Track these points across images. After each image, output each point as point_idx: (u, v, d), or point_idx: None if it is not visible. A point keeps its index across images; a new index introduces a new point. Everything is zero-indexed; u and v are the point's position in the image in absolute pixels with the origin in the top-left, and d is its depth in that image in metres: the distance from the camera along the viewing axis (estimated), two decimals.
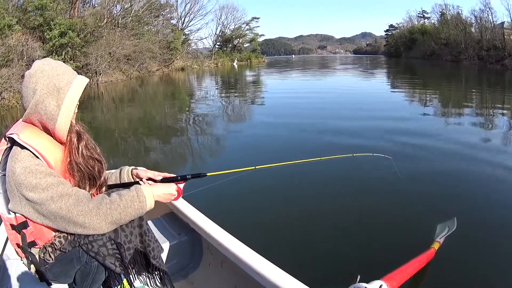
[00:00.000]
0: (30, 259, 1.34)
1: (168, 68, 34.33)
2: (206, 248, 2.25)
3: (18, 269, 1.62)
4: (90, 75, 20.32)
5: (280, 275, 1.54)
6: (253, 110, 11.92)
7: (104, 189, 1.50)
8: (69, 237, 1.32)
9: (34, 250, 1.33)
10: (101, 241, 1.32)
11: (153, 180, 1.64)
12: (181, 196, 1.60)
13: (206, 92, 18.18)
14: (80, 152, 1.37)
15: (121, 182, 1.66)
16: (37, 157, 1.25)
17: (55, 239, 1.32)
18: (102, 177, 1.48)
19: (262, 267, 1.61)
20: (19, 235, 1.30)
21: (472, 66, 34.08)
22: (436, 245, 2.74)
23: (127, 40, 25.80)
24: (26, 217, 1.26)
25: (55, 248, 1.32)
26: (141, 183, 1.62)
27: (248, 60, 51.49)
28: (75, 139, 1.37)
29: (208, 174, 1.69)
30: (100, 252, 1.31)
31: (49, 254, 1.32)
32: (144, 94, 18.28)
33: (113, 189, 1.52)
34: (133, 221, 1.40)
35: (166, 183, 1.57)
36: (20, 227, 1.29)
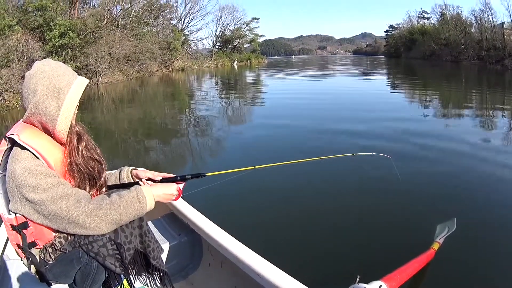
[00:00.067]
0: (31, 260, 1.34)
1: (168, 69, 34.33)
2: (206, 249, 2.25)
3: (19, 270, 1.62)
4: (90, 76, 20.34)
5: (280, 276, 1.55)
6: (253, 111, 11.91)
7: (104, 190, 1.51)
8: (69, 238, 1.33)
9: (34, 251, 1.33)
10: (101, 242, 1.32)
11: (153, 180, 1.63)
12: (181, 197, 1.59)
13: (206, 93, 18.18)
14: (80, 153, 1.38)
15: (121, 183, 1.66)
16: (37, 158, 1.25)
17: (55, 240, 1.32)
18: (102, 178, 1.48)
19: (262, 268, 1.61)
20: (20, 236, 1.31)
21: (472, 67, 34.07)
22: (436, 246, 2.74)
23: (127, 41, 25.81)
24: (27, 218, 1.26)
25: (55, 249, 1.32)
26: (141, 184, 1.62)
27: (248, 61, 51.52)
28: (75, 140, 1.37)
29: (208, 174, 1.69)
30: (100, 253, 1.32)
31: (49, 255, 1.32)
32: (144, 95, 18.27)
33: (113, 190, 1.52)
34: (133, 222, 1.41)
35: (167, 184, 1.57)
36: (21, 228, 1.29)
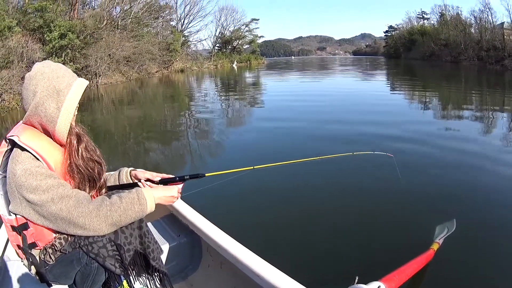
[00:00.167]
0: (31, 260, 1.34)
1: (168, 70, 34.34)
2: (206, 250, 2.25)
3: (19, 270, 1.63)
4: (90, 77, 20.35)
5: (279, 277, 1.55)
6: (252, 112, 11.91)
7: (104, 191, 1.51)
8: (69, 239, 1.33)
9: (35, 252, 1.34)
10: (101, 243, 1.32)
11: (151, 181, 1.63)
12: (180, 197, 1.59)
13: (206, 94, 18.18)
14: (80, 154, 1.38)
15: (120, 184, 1.67)
16: (38, 159, 1.26)
17: (56, 241, 1.32)
18: (102, 179, 1.48)
19: (261, 269, 1.62)
20: (20, 237, 1.31)
21: (472, 67, 34.09)
22: (435, 246, 2.74)
23: (127, 42, 25.82)
24: (27, 219, 1.27)
25: (56, 250, 1.32)
26: (140, 184, 1.63)
27: (248, 62, 51.54)
28: (75, 141, 1.38)
29: (207, 175, 1.68)
30: (100, 254, 1.32)
31: (50, 256, 1.33)
32: (144, 96, 18.28)
33: (113, 191, 1.52)
34: (133, 223, 1.41)
35: (168, 186, 1.57)
36: (21, 229, 1.29)
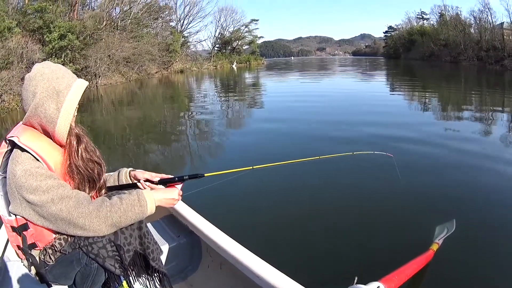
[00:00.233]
0: (31, 261, 1.34)
1: (167, 71, 34.35)
2: (205, 250, 2.25)
3: (19, 271, 1.63)
4: (90, 78, 20.36)
5: (279, 277, 1.56)
6: (252, 113, 11.92)
7: (104, 192, 1.51)
8: (69, 239, 1.33)
9: (35, 252, 1.34)
10: (101, 243, 1.32)
11: (151, 181, 1.64)
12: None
13: (205, 95, 18.20)
14: (80, 155, 1.38)
15: (120, 184, 1.67)
16: (38, 160, 1.26)
17: (55, 241, 1.32)
18: (102, 180, 1.48)
19: (261, 269, 1.62)
20: (20, 237, 1.31)
21: (472, 67, 34.11)
22: (435, 247, 2.74)
23: (126, 43, 25.84)
24: (27, 219, 1.27)
25: (55, 250, 1.32)
26: (139, 185, 1.63)
27: (247, 62, 51.56)
28: (75, 142, 1.38)
29: (206, 175, 1.68)
30: (100, 254, 1.32)
31: (49, 256, 1.32)
32: (143, 97, 18.27)
33: (112, 191, 1.53)
34: (133, 224, 1.41)
35: (169, 188, 1.57)
36: (21, 229, 1.29)
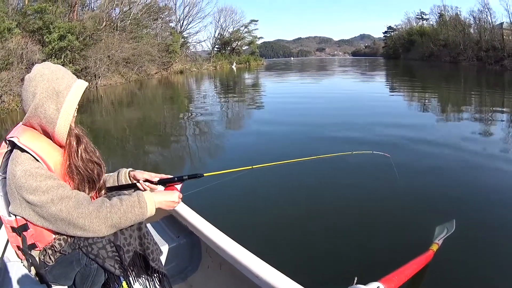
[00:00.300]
0: (31, 262, 1.34)
1: (167, 71, 34.36)
2: (205, 251, 2.25)
3: (19, 271, 1.63)
4: (89, 78, 20.36)
5: (278, 277, 1.55)
6: (251, 113, 11.92)
7: (103, 192, 1.51)
8: (69, 240, 1.33)
9: (34, 253, 1.34)
10: (101, 244, 1.32)
11: (150, 181, 1.64)
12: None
13: (205, 96, 18.20)
14: (80, 156, 1.38)
15: (119, 184, 1.67)
16: (37, 160, 1.26)
17: (55, 242, 1.32)
18: (102, 180, 1.49)
19: (260, 269, 1.62)
20: (20, 238, 1.31)
21: (471, 67, 34.13)
22: (435, 247, 2.74)
23: (126, 43, 25.86)
24: (27, 220, 1.27)
25: (55, 251, 1.32)
26: (139, 185, 1.64)
27: (247, 63, 51.57)
28: (75, 143, 1.38)
29: (205, 175, 1.68)
30: (100, 255, 1.32)
31: (49, 257, 1.33)
32: (143, 97, 18.28)
33: (112, 192, 1.53)
34: (133, 224, 1.41)
35: (169, 191, 1.57)
36: (21, 230, 1.30)
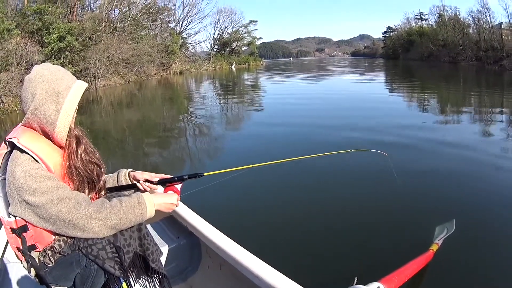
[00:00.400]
0: (30, 263, 1.33)
1: (166, 72, 34.37)
2: (205, 251, 2.25)
3: (18, 273, 1.63)
4: (89, 79, 20.37)
5: (278, 278, 1.55)
6: (251, 113, 11.92)
7: (103, 193, 1.51)
8: (69, 241, 1.32)
9: (34, 254, 1.33)
10: (101, 245, 1.32)
11: (150, 182, 1.64)
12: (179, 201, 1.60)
13: (204, 96, 18.20)
14: (79, 156, 1.38)
15: (119, 185, 1.67)
16: (37, 161, 1.25)
17: (55, 243, 1.32)
18: (101, 181, 1.48)
19: (260, 270, 1.62)
20: (19, 239, 1.31)
21: (470, 67, 34.18)
22: (435, 247, 2.74)
23: (125, 44, 25.87)
24: (26, 221, 1.26)
25: (55, 252, 1.32)
26: (139, 185, 1.64)
27: (246, 64, 51.59)
28: (74, 143, 1.38)
29: (205, 174, 1.68)
30: (100, 256, 1.31)
31: (49, 258, 1.32)
32: (143, 98, 18.29)
33: (112, 193, 1.52)
34: (132, 225, 1.41)
35: (168, 193, 1.57)
36: (20, 231, 1.29)
